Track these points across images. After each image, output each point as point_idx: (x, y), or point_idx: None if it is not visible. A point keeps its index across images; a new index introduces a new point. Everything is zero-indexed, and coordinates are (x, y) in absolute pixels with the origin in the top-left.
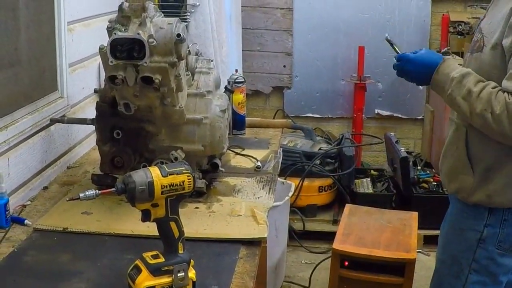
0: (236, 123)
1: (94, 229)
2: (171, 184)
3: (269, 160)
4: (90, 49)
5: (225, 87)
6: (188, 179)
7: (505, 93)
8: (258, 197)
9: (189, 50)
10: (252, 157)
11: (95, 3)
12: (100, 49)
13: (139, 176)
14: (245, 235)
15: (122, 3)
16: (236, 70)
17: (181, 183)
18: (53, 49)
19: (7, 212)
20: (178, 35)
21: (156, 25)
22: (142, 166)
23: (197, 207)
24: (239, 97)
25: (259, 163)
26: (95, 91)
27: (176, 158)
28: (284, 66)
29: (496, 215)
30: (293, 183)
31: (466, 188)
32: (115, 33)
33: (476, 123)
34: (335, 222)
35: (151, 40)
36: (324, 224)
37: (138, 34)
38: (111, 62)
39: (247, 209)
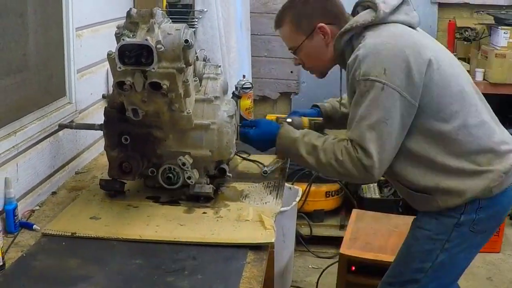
0: None
1: (102, 234)
2: None
3: (274, 164)
4: (98, 55)
5: (233, 93)
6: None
7: (344, 141)
8: (266, 202)
9: (197, 56)
10: (259, 162)
11: (103, 9)
12: (108, 55)
13: None
14: (252, 240)
15: (130, 9)
16: (244, 76)
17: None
18: (62, 55)
19: (15, 217)
20: (186, 41)
21: (164, 31)
22: (150, 172)
23: (204, 212)
24: (246, 102)
25: (265, 168)
26: (103, 96)
27: (184, 164)
28: (292, 72)
29: (472, 204)
30: (300, 188)
31: (432, 205)
32: (123, 39)
33: (325, 172)
34: (342, 227)
35: (159, 46)
36: (331, 229)
37: (146, 40)
38: (119, 68)
39: (254, 214)
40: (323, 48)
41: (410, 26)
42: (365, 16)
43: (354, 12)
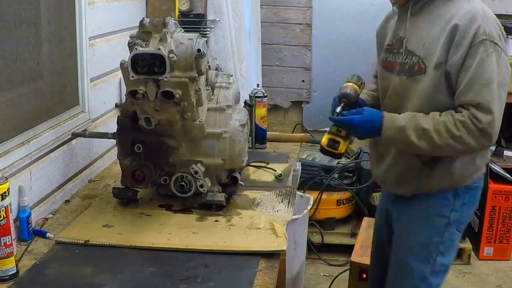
0: (258, 137)
1: (115, 242)
2: None
3: (288, 172)
4: (111, 64)
5: (245, 102)
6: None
7: (456, 115)
8: (277, 211)
9: (209, 65)
10: (272, 168)
11: (116, 18)
12: (121, 64)
13: None
14: (264, 248)
15: (143, 18)
16: (258, 85)
17: None
18: (75, 64)
19: (29, 225)
20: (198, 50)
21: (177, 41)
22: (163, 180)
23: (216, 220)
24: (261, 111)
25: (280, 172)
26: (116, 105)
27: (196, 172)
28: (303, 81)
29: (459, 199)
30: (311, 196)
31: (424, 186)
32: (136, 48)
33: (441, 152)
34: (353, 235)
35: (171, 55)
36: (342, 237)
37: (159, 49)
38: (132, 77)
39: (266, 222)
40: None
41: None
42: None
43: None
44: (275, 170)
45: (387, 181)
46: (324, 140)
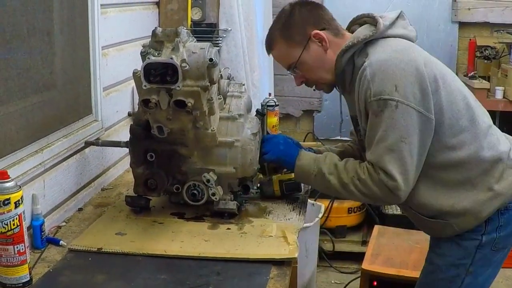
0: None
1: (128, 249)
2: None
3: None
4: (124, 73)
5: (256, 111)
6: None
7: (365, 163)
8: (289, 219)
9: (221, 74)
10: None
11: (128, 28)
12: (134, 73)
13: None
14: (276, 256)
15: (156, 28)
16: (270, 94)
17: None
18: (88, 73)
19: (42, 233)
20: (211, 59)
21: (189, 50)
22: (175, 188)
23: (228, 228)
24: (273, 120)
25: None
26: (129, 114)
27: (208, 180)
28: (314, 90)
29: (491, 224)
30: (323, 204)
31: (447, 229)
32: (148, 58)
33: (348, 193)
34: (364, 243)
35: (184, 64)
36: (353, 245)
37: (171, 58)
38: (145, 86)
39: (278, 230)
40: (323, 55)
41: (409, 40)
42: (364, 31)
43: (349, 31)
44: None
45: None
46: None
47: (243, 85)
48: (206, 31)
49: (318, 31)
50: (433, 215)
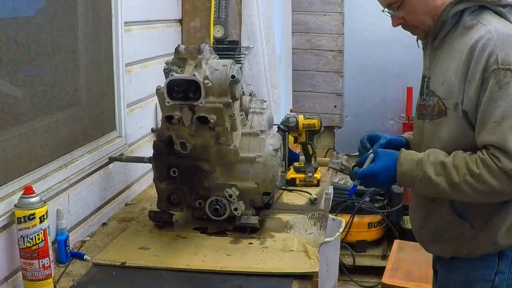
0: (291, 161)
1: (151, 263)
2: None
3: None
4: (147, 90)
5: (278, 127)
6: (319, 122)
7: (478, 152)
8: (310, 233)
9: (243, 91)
10: (307, 192)
11: (152, 45)
12: (157, 90)
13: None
14: (297, 270)
15: (179, 45)
16: (291, 110)
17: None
18: (112, 90)
19: (67, 248)
20: (233, 76)
21: (211, 67)
22: (198, 204)
23: (250, 243)
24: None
25: (315, 196)
26: (152, 130)
27: (230, 195)
28: (335, 107)
29: (505, 260)
30: (343, 219)
31: (463, 246)
32: (171, 75)
33: (460, 193)
34: (384, 257)
35: (206, 81)
36: (374, 259)
37: (194, 75)
38: (168, 102)
39: (299, 245)
40: (426, 2)
41: None
42: None
43: None
44: (310, 194)
45: (423, 238)
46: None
47: (265, 101)
48: (228, 48)
49: None
50: (465, 217)
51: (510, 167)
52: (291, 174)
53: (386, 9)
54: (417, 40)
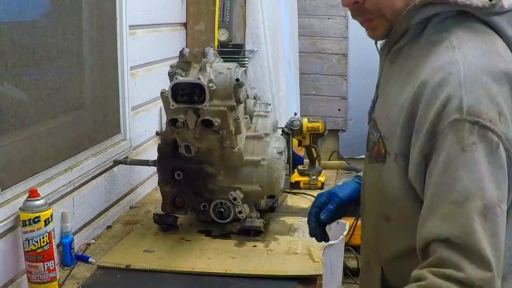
0: (295, 164)
1: (156, 266)
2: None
3: None
4: (152, 93)
5: (282, 130)
6: (323, 125)
7: (416, 272)
8: None
9: (247, 94)
10: (311, 195)
11: (156, 49)
12: (162, 93)
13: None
14: (301, 272)
15: (183, 49)
16: (295, 114)
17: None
18: (116, 93)
19: (72, 250)
20: (237, 79)
21: (216, 70)
22: (202, 207)
23: (255, 246)
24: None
25: None
26: (157, 133)
27: (235, 199)
28: (339, 110)
29: None
30: (347, 222)
31: None
32: (176, 78)
33: None
34: None
35: (211, 84)
36: None
37: (199, 78)
38: (172, 105)
39: (303, 247)
40: None
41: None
42: None
43: None
44: (314, 197)
45: None
46: None
47: (269, 104)
48: (233, 51)
49: None
50: None
51: (480, 277)
52: (295, 177)
53: None
54: (375, 43)
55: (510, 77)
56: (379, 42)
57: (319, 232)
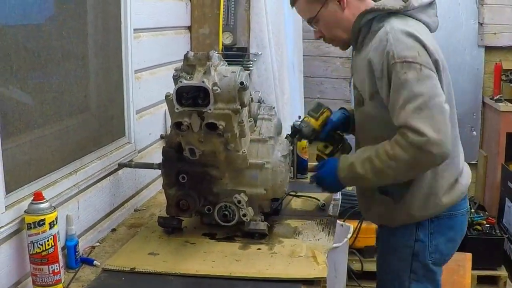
0: (299, 167)
1: (160, 269)
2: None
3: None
4: (156, 96)
5: (287, 134)
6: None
7: (395, 136)
8: (318, 239)
9: (251, 97)
10: (315, 198)
11: (161, 52)
12: (166, 96)
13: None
14: (305, 275)
15: (188, 52)
16: (299, 117)
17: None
18: (121, 96)
19: (76, 253)
20: (241, 83)
21: (220, 74)
22: (207, 209)
23: (259, 249)
24: (303, 142)
25: (323, 202)
26: (161, 136)
27: (239, 201)
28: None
29: (422, 230)
30: (351, 225)
31: (386, 217)
32: (180, 81)
33: (384, 178)
34: None
35: (215, 87)
36: None
37: (203, 82)
38: (177, 109)
39: (307, 250)
40: (340, 14)
41: (428, 29)
42: (393, 2)
43: None
44: (318, 200)
45: (367, 213)
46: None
47: (273, 108)
48: (237, 55)
49: None
50: (386, 195)
51: (416, 139)
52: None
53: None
54: (351, 54)
55: (414, 37)
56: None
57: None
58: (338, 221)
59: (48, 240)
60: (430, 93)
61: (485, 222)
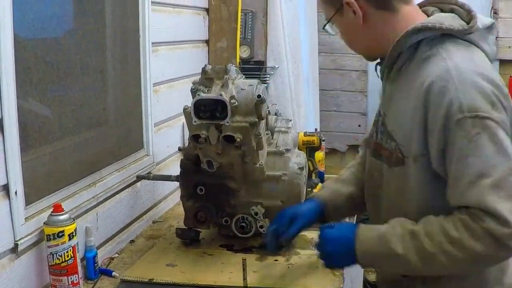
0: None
1: (178, 280)
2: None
3: None
4: (174, 109)
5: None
6: (318, 139)
7: (454, 212)
8: None
9: (269, 110)
10: None
11: (179, 65)
12: (184, 109)
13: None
14: (322, 286)
15: (205, 65)
16: (316, 129)
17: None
18: (139, 109)
19: (95, 264)
20: (259, 96)
21: (238, 87)
22: (224, 221)
23: (276, 260)
24: (319, 155)
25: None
26: (179, 149)
27: (256, 213)
28: (359, 126)
29: None
30: None
31: None
32: (198, 94)
33: (434, 266)
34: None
35: (233, 101)
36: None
37: (221, 95)
38: (195, 122)
39: None
40: (358, 28)
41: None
42: (451, 20)
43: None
44: None
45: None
46: None
47: (290, 120)
48: (254, 68)
49: (352, 1)
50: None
51: (499, 231)
52: None
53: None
54: (375, 68)
55: (486, 77)
56: (378, 68)
57: (274, 246)
58: None
59: (67, 252)
60: (510, 164)
61: None
